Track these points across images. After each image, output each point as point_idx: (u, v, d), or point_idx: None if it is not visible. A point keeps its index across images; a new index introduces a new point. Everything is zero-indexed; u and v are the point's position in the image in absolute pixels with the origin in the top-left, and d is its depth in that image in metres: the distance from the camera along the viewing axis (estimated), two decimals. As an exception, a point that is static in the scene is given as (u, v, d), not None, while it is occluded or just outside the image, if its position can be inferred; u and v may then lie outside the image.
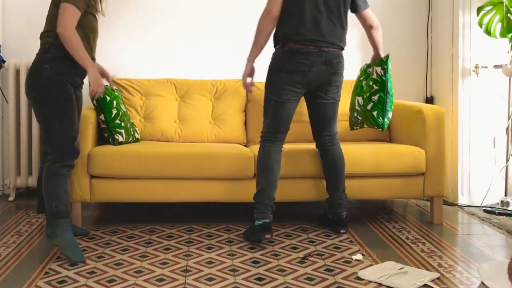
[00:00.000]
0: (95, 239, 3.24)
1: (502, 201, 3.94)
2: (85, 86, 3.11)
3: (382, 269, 2.72)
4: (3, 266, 2.80)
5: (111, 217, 3.76)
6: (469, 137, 4.07)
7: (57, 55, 2.93)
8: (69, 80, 2.95)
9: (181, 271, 2.73)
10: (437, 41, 4.39)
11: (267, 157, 3.20)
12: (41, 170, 3.05)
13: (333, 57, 3.19)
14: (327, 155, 3.37)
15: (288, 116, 3.23)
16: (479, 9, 3.82)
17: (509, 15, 3.73)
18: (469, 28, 4.02)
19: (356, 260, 2.89)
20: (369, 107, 3.40)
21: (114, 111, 3.57)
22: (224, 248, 3.09)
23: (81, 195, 3.40)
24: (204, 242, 3.19)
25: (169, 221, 3.56)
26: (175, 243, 3.17)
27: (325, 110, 3.33)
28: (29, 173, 4.19)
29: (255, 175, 3.42)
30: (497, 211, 3.83)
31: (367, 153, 3.52)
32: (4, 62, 4.11)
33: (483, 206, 3.98)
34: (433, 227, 3.51)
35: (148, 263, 2.84)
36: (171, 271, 2.73)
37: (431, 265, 2.82)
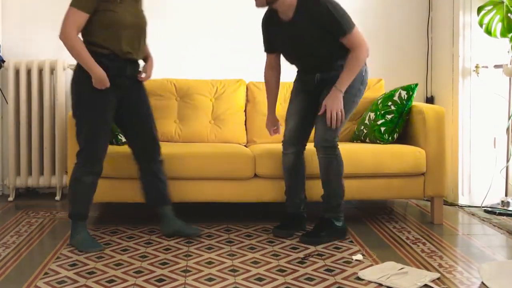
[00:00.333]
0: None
1: (502, 201, 3.93)
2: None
3: (382, 269, 2.71)
4: (2, 266, 2.80)
5: (111, 217, 3.75)
6: (469, 137, 4.06)
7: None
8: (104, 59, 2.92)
9: (181, 272, 2.72)
10: (438, 41, 4.38)
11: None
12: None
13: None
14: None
15: None
16: (480, 9, 3.81)
17: (509, 14, 3.72)
18: (469, 28, 4.01)
19: (356, 260, 2.88)
20: (379, 122, 3.60)
21: None
22: (224, 248, 3.08)
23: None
24: (204, 242, 3.18)
25: (169, 221, 3.55)
26: (175, 243, 3.16)
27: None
28: (29, 173, 4.18)
29: (256, 175, 3.43)
30: (497, 211, 3.82)
31: (367, 153, 3.51)
32: (3, 62, 4.11)
33: (483, 206, 3.97)
34: (434, 227, 3.50)
35: (148, 263, 2.83)
36: (171, 272, 2.72)
37: (431, 265, 2.81)
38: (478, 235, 3.39)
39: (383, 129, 3.62)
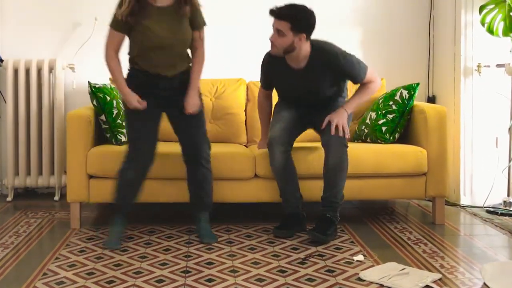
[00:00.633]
0: (94, 239, 3.22)
1: (504, 202, 3.92)
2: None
3: (383, 270, 2.71)
4: (1, 267, 2.79)
5: (110, 217, 3.71)
6: (471, 137, 4.04)
7: (128, 75, 3.10)
8: (142, 93, 3.03)
9: (181, 272, 2.71)
10: (439, 40, 4.36)
11: None
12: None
13: None
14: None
15: None
16: (482, 8, 3.79)
17: (511, 13, 3.70)
18: (471, 26, 3.99)
19: (357, 261, 2.87)
20: (380, 122, 3.61)
21: (115, 111, 3.55)
22: (224, 249, 3.07)
23: (79, 196, 3.38)
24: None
25: (169, 222, 3.53)
26: (175, 243, 3.15)
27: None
28: (27, 173, 4.17)
29: (256, 175, 3.42)
30: (499, 212, 3.80)
31: (368, 153, 3.49)
32: (2, 61, 4.10)
33: (485, 206, 3.96)
34: (435, 227, 3.49)
35: (147, 264, 2.82)
36: (171, 272, 2.71)
37: (433, 266, 2.80)
38: (480, 235, 3.38)
39: (384, 129, 3.61)
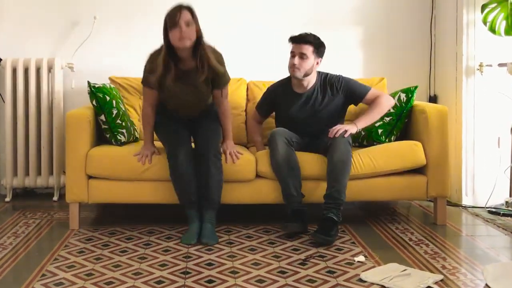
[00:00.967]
0: (93, 240, 3.20)
1: (506, 202, 3.90)
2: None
3: (385, 271, 2.70)
4: (-1, 268, 2.78)
5: (109, 218, 3.72)
6: (473, 137, 4.03)
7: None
8: (167, 116, 3.47)
9: (181, 273, 2.70)
10: (441, 39, 4.35)
11: None
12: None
13: None
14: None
15: None
16: (484, 7, 3.77)
17: (513, 12, 3.68)
18: (473, 26, 3.97)
19: (358, 262, 2.86)
20: (377, 124, 3.63)
21: (114, 111, 3.54)
22: (224, 249, 3.05)
23: (78, 196, 3.36)
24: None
25: (169, 222, 3.52)
26: (175, 244, 3.14)
27: None
28: (26, 173, 4.15)
29: (257, 175, 3.41)
30: (501, 212, 3.78)
31: (363, 154, 3.45)
32: (0, 60, 4.09)
33: (487, 207, 3.94)
34: (437, 228, 3.47)
35: (147, 265, 2.81)
36: (170, 273, 2.70)
37: (434, 267, 2.79)
38: (482, 236, 3.36)
39: (381, 131, 3.63)
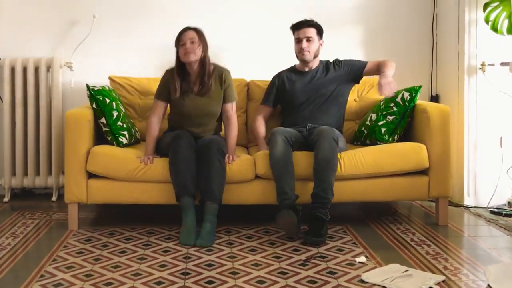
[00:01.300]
0: (92, 241, 3.19)
1: (509, 202, 3.89)
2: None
3: (386, 271, 2.69)
4: (-3, 268, 2.77)
5: (109, 218, 3.72)
6: (475, 137, 4.01)
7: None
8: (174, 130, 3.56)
9: (180, 274, 2.69)
10: (443, 38, 4.33)
11: None
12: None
13: None
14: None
15: None
16: (486, 5, 3.75)
17: (516, 11, 3.66)
18: (475, 24, 3.96)
19: (359, 262, 2.85)
20: (380, 123, 3.61)
21: (115, 113, 3.52)
22: (224, 250, 3.04)
23: (77, 196, 3.35)
24: (203, 244, 3.15)
25: (168, 223, 3.50)
26: (174, 245, 3.12)
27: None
28: (25, 173, 4.13)
29: (257, 176, 3.39)
30: (504, 213, 3.77)
31: (367, 152, 3.44)
32: (-1, 59, 4.08)
33: (489, 207, 3.93)
34: (439, 228, 3.46)
35: (146, 266, 2.80)
36: (170, 274, 2.68)
37: (436, 267, 2.78)
38: (484, 236, 3.35)
39: (384, 130, 3.60)
